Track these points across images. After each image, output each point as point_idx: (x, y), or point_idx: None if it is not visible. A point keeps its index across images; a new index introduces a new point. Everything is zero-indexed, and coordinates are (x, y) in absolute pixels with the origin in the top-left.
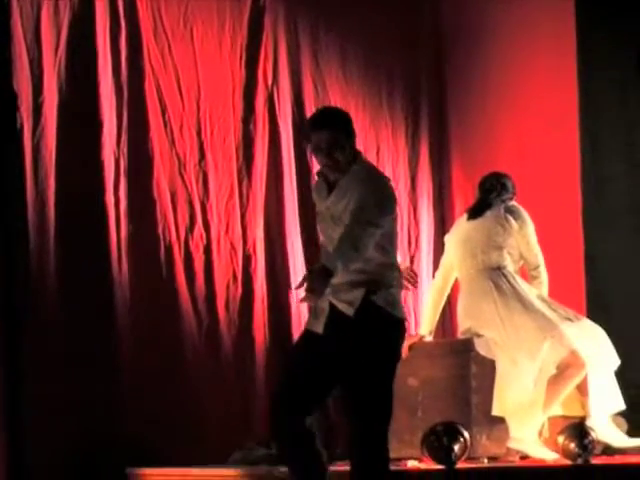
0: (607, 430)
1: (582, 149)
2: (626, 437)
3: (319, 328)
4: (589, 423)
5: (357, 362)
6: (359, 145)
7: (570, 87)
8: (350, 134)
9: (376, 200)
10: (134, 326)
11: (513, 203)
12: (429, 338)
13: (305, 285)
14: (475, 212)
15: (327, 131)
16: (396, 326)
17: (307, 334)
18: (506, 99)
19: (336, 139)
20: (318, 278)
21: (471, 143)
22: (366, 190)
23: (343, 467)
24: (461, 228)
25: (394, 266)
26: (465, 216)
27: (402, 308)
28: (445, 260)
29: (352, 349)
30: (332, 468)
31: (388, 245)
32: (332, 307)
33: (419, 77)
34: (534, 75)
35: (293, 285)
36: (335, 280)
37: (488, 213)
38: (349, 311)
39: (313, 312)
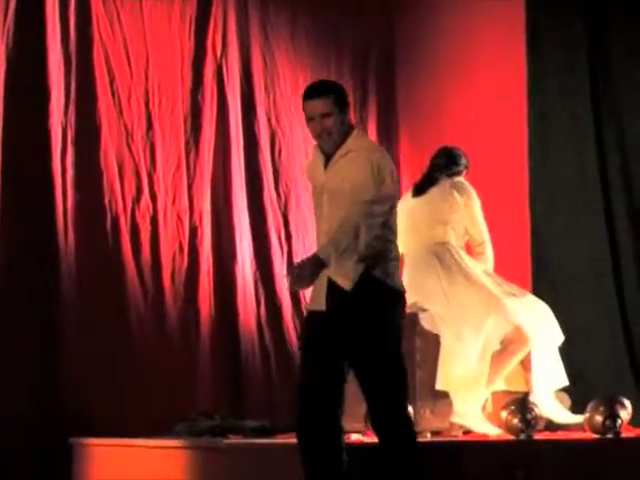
0: (550, 406)
1: (530, 124)
2: (569, 413)
3: (322, 306)
4: (532, 399)
5: (360, 337)
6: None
7: (519, 61)
8: (344, 106)
9: (375, 179)
10: (79, 296)
11: (460, 179)
12: None
13: (295, 274)
14: (420, 189)
15: (320, 101)
16: (396, 298)
17: (310, 316)
18: (455, 73)
19: (329, 109)
20: (309, 269)
21: (419, 117)
22: (364, 169)
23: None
24: (407, 204)
25: (394, 239)
26: (411, 192)
27: (401, 281)
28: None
29: (353, 324)
30: (278, 440)
31: (389, 220)
32: (330, 283)
33: (368, 51)
34: (483, 49)
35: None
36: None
37: (433, 189)
38: (347, 285)
39: (313, 291)
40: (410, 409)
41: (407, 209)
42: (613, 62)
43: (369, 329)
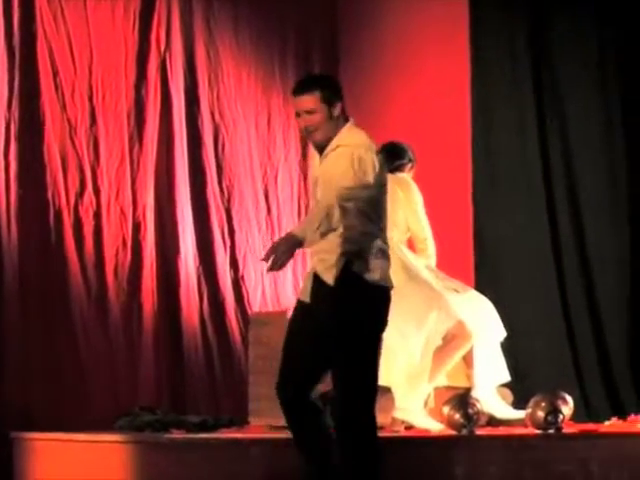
0: (492, 401)
1: (473, 118)
2: (510, 409)
3: (307, 297)
4: (474, 394)
5: (339, 331)
6: (250, 112)
7: (462, 53)
8: (333, 100)
9: (355, 170)
10: (22, 291)
11: (402, 175)
12: None
13: (270, 253)
14: None
15: (305, 97)
16: (377, 294)
17: (298, 305)
18: (399, 66)
19: (314, 105)
20: (282, 247)
21: (363, 110)
22: (345, 162)
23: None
24: None
25: (379, 234)
26: None
27: (386, 276)
28: None
29: (334, 317)
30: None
31: (372, 213)
32: (315, 276)
33: (312, 45)
34: (427, 42)
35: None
36: (318, 247)
37: None
38: (329, 280)
39: (304, 282)
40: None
41: None
42: (554, 53)
43: (347, 322)
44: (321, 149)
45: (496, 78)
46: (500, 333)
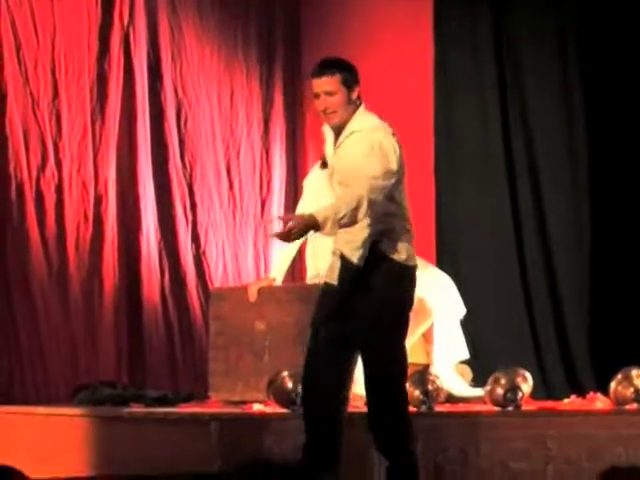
0: (450, 379)
1: (436, 98)
2: (468, 387)
3: (334, 280)
4: (433, 371)
5: (368, 312)
6: (212, 87)
7: (426, 38)
8: (352, 84)
9: (377, 156)
10: None
11: None
12: (279, 282)
13: (286, 226)
14: (325, 162)
15: (325, 78)
16: (405, 273)
17: (325, 287)
18: (362, 46)
19: (334, 87)
20: (301, 227)
21: None
22: (366, 149)
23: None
24: (315, 175)
25: (403, 215)
26: (319, 164)
27: (411, 255)
28: (302, 204)
29: (361, 296)
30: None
31: (397, 194)
32: (343, 258)
33: (275, 22)
34: (391, 21)
35: (276, 217)
36: (345, 230)
37: None
38: (357, 260)
39: (329, 265)
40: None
41: (315, 179)
42: (516, 32)
43: (374, 304)
44: (336, 133)
45: (459, 58)
46: (460, 310)
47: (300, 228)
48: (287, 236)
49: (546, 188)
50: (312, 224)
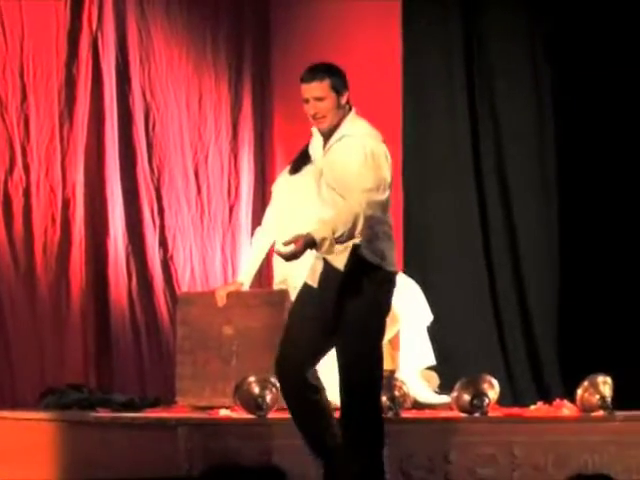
0: (416, 385)
1: (404, 100)
2: (433, 393)
3: (315, 282)
4: (399, 377)
5: (348, 315)
6: (181, 92)
7: (394, 36)
8: (341, 89)
9: (371, 166)
10: None
11: None
12: (247, 287)
13: (287, 249)
14: (294, 168)
15: (314, 84)
16: (386, 278)
17: (305, 288)
18: (331, 44)
19: (323, 93)
20: (301, 247)
21: (295, 93)
22: (359, 156)
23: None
24: (284, 180)
25: (387, 221)
26: (288, 170)
27: (393, 260)
28: (270, 210)
29: (342, 302)
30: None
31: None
32: (325, 262)
33: (244, 25)
34: (360, 22)
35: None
36: None
37: (307, 169)
38: (340, 265)
39: (311, 267)
40: (278, 385)
41: (283, 185)
42: (487, 31)
43: (354, 308)
44: (326, 136)
45: (428, 60)
46: (427, 317)
47: (299, 248)
48: (289, 257)
49: (514, 192)
50: (310, 243)
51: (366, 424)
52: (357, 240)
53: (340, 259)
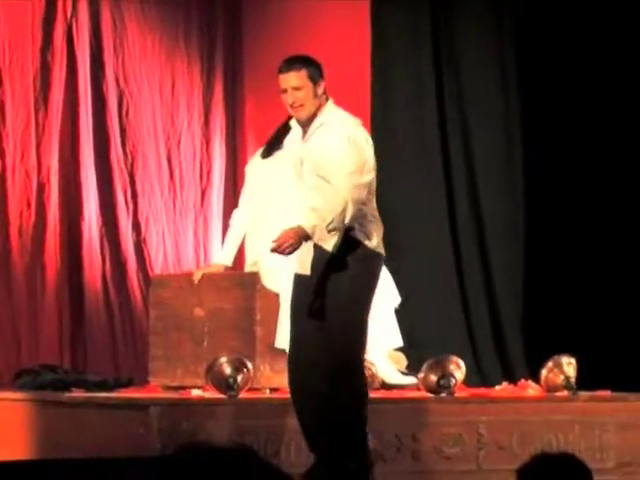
0: (384, 366)
1: (373, 92)
2: (401, 375)
3: (306, 270)
4: (368, 358)
5: (332, 291)
6: (154, 78)
7: (363, 25)
8: (317, 79)
9: (353, 150)
10: None
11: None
12: (229, 265)
13: (280, 243)
14: (266, 152)
15: (292, 74)
16: (375, 260)
17: (297, 279)
18: (300, 37)
19: (301, 82)
20: (294, 240)
21: (265, 80)
22: (341, 142)
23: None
24: (256, 163)
25: (371, 201)
26: (260, 152)
27: (380, 243)
28: (244, 191)
29: (330, 278)
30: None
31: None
32: (315, 246)
33: (215, 14)
34: (329, 13)
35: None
36: None
37: (279, 152)
38: (330, 247)
39: (299, 257)
40: (250, 365)
41: (255, 168)
42: (454, 21)
43: (343, 288)
44: (304, 126)
45: (396, 58)
46: (395, 299)
47: (294, 241)
48: (283, 251)
49: (480, 173)
50: (303, 235)
51: (352, 398)
52: (347, 223)
53: (331, 242)
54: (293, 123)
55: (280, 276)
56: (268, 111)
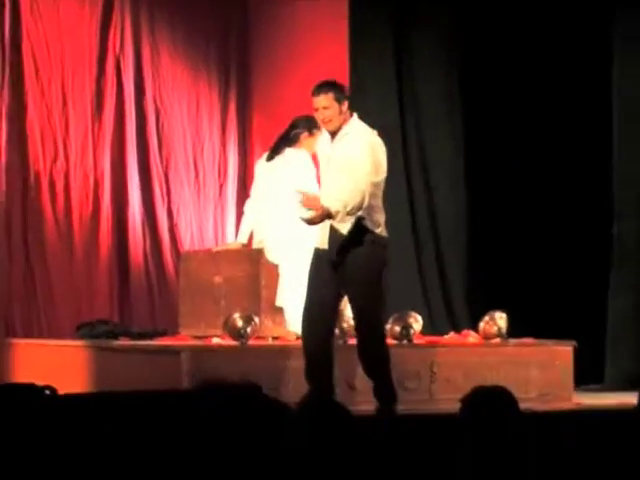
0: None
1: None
2: None
3: (325, 245)
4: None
5: (351, 266)
6: (183, 98)
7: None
8: (341, 100)
9: (371, 154)
10: (8, 234)
11: (293, 151)
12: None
13: (311, 213)
14: (269, 156)
15: (322, 96)
16: (381, 242)
17: (316, 253)
18: (297, 64)
19: (328, 103)
20: (321, 216)
21: (270, 100)
22: (362, 148)
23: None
24: (262, 164)
25: (379, 195)
26: (265, 156)
27: (384, 229)
28: (254, 186)
29: (346, 259)
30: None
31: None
32: (331, 227)
33: (230, 47)
34: (313, 39)
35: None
36: None
37: (278, 158)
38: (344, 230)
39: (320, 234)
40: (256, 319)
41: (262, 169)
42: (414, 53)
43: (355, 262)
44: (332, 134)
45: (368, 67)
46: None
47: (320, 217)
48: (311, 222)
49: (431, 155)
50: (327, 214)
51: (377, 345)
52: (360, 212)
53: (345, 226)
54: (324, 131)
55: (280, 251)
56: (272, 125)
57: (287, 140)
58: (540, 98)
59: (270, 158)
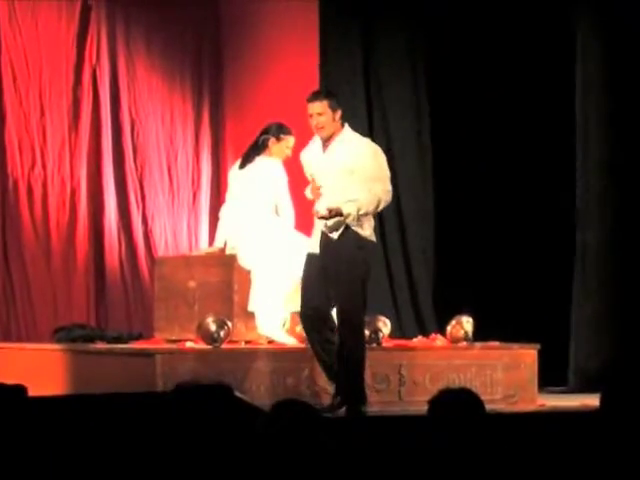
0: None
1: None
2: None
3: (316, 249)
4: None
5: (338, 268)
6: (157, 109)
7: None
8: (335, 107)
9: (377, 162)
10: None
11: (265, 160)
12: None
13: (327, 210)
14: (241, 164)
15: (316, 103)
16: (368, 246)
17: (308, 257)
18: (267, 73)
19: (322, 110)
20: (335, 215)
21: (242, 110)
22: (369, 155)
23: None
24: (235, 172)
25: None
26: (237, 163)
27: (373, 233)
28: (228, 193)
29: (334, 262)
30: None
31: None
32: (322, 233)
33: (202, 60)
34: (284, 57)
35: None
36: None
37: (250, 166)
38: (335, 235)
39: (312, 239)
40: (229, 324)
41: (234, 177)
42: (379, 60)
43: (344, 263)
44: (324, 142)
45: (339, 73)
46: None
47: (330, 214)
48: (325, 217)
49: (398, 155)
50: (340, 213)
51: (357, 347)
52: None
53: (334, 231)
54: (316, 138)
55: (252, 257)
56: (243, 134)
57: (257, 148)
58: (505, 102)
59: (242, 166)
